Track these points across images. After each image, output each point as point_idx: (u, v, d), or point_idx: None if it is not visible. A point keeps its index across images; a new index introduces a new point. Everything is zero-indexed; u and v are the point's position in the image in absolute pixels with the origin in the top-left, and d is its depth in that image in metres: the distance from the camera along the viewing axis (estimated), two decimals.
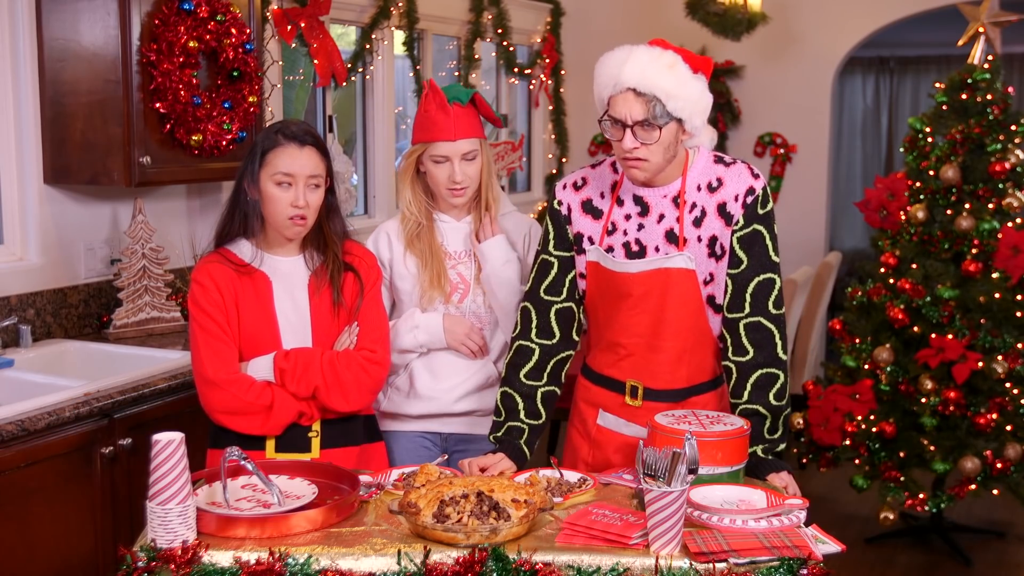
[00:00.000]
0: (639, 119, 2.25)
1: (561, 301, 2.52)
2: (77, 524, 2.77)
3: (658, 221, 2.39)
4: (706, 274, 2.39)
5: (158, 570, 1.87)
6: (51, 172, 3.39)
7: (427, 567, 1.87)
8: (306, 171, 2.37)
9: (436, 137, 2.66)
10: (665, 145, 2.29)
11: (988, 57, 4.44)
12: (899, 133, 9.89)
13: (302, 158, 2.37)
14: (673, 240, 2.37)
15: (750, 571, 1.87)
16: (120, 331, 3.51)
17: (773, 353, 2.39)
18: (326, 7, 4.34)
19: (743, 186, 2.37)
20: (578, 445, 2.59)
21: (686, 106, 2.26)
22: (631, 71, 2.25)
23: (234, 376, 2.37)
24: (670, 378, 2.45)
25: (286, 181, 2.36)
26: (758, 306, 2.38)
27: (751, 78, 6.58)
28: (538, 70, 6.34)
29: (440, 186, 2.69)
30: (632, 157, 2.29)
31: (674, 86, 2.24)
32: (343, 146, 4.99)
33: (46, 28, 3.31)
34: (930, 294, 4.30)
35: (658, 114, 2.25)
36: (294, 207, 2.37)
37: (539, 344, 2.52)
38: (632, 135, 2.27)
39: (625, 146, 2.28)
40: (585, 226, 2.48)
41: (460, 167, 2.66)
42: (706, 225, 2.37)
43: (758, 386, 2.38)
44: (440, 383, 2.75)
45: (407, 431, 2.78)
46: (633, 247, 2.40)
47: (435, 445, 2.80)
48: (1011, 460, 4.19)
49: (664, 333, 2.41)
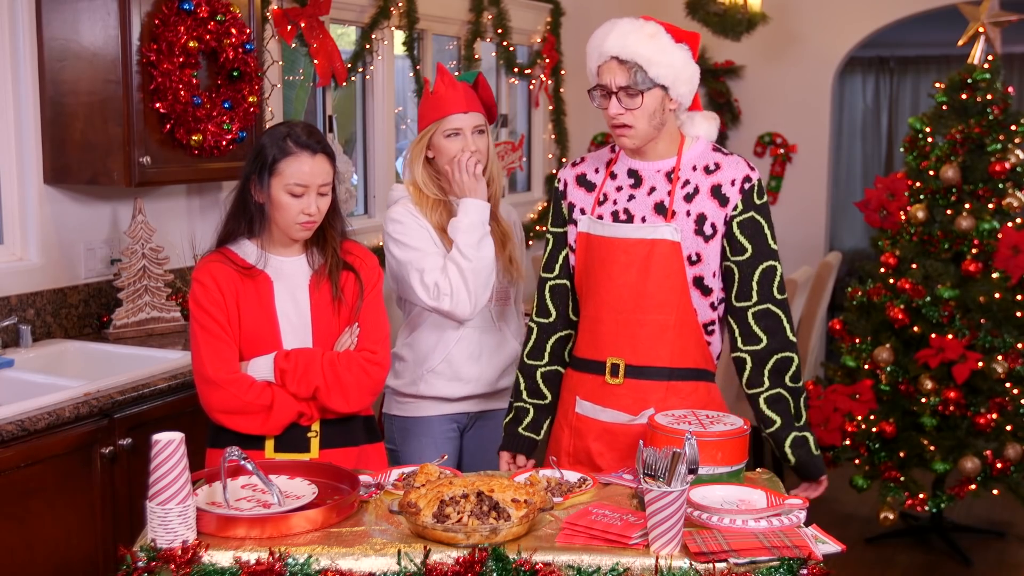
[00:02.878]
0: (622, 85, 2.37)
1: (554, 278, 2.61)
2: (77, 524, 2.77)
3: (648, 193, 2.46)
4: (692, 252, 2.42)
5: (158, 570, 1.87)
6: (51, 172, 3.39)
7: (427, 567, 1.87)
8: (318, 180, 2.38)
9: (448, 111, 2.76)
10: (650, 112, 2.39)
11: (988, 57, 4.44)
12: (899, 133, 9.89)
13: (315, 167, 2.38)
14: (661, 212, 2.44)
15: (750, 571, 1.87)
16: (120, 331, 3.51)
17: (784, 337, 2.44)
18: (326, 7, 4.34)
19: (740, 173, 2.44)
20: (559, 435, 2.62)
21: (668, 73, 2.38)
22: (613, 40, 2.38)
23: (234, 376, 2.37)
24: (652, 354, 2.46)
25: (299, 192, 2.37)
26: (764, 293, 2.43)
27: (751, 78, 6.58)
28: (538, 70, 6.34)
29: (454, 160, 2.76)
30: (619, 124, 2.41)
31: (654, 53, 2.36)
32: (343, 146, 4.99)
33: (46, 28, 3.31)
34: (930, 294, 4.31)
35: (639, 80, 2.36)
36: (304, 214, 2.39)
37: (537, 323, 2.64)
38: (617, 101, 2.38)
39: (611, 112, 2.40)
40: (578, 198, 2.57)
41: (473, 139, 2.77)
42: (697, 202, 2.43)
43: (776, 371, 2.43)
44: (478, 363, 2.87)
45: (442, 415, 2.89)
46: (621, 215, 2.48)
47: (459, 427, 2.94)
48: (1011, 460, 4.19)
49: (646, 306, 2.44)
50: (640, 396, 2.46)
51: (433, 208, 2.81)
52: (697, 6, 5.78)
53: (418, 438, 2.90)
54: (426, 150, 2.81)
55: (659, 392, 2.45)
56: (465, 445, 2.98)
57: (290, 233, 2.43)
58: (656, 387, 2.46)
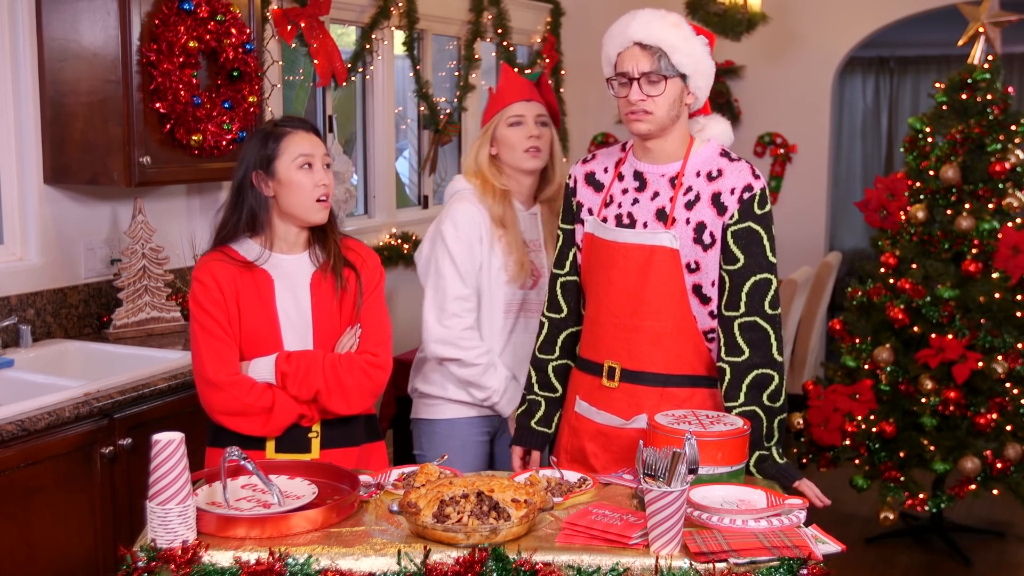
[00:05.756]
0: (645, 70, 2.36)
1: (565, 274, 2.63)
2: (77, 524, 2.77)
3: (652, 198, 2.45)
4: (691, 260, 2.41)
5: (158, 570, 1.87)
6: (51, 172, 3.39)
7: (427, 567, 1.87)
8: (320, 151, 2.44)
9: (514, 98, 2.79)
10: (670, 100, 2.38)
11: (988, 57, 4.44)
12: (899, 133, 9.90)
13: (312, 140, 2.45)
14: (662, 218, 2.42)
15: (750, 571, 1.87)
16: (120, 331, 3.51)
17: (768, 354, 2.39)
18: (326, 7, 4.34)
19: (742, 182, 2.40)
20: (561, 431, 2.64)
21: (689, 62, 2.38)
22: (638, 27, 2.38)
23: (235, 378, 2.36)
24: (647, 360, 2.44)
25: (307, 163, 2.41)
26: (754, 305, 2.39)
27: (751, 78, 6.58)
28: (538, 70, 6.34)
29: (517, 148, 2.79)
30: (638, 109, 2.38)
31: (678, 40, 2.37)
32: (343, 146, 4.99)
33: (46, 28, 3.31)
34: (930, 294, 4.31)
35: (663, 66, 2.36)
36: (319, 186, 2.41)
37: (548, 317, 2.65)
38: (639, 87, 2.37)
39: (632, 98, 2.38)
40: (586, 197, 2.57)
41: (537, 127, 2.78)
42: (697, 210, 2.41)
43: (754, 387, 2.38)
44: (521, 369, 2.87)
45: (468, 417, 2.89)
46: (624, 219, 2.47)
47: (488, 432, 2.95)
48: (1011, 460, 4.19)
49: (643, 312, 2.43)
50: (634, 401, 2.45)
51: (497, 199, 2.81)
52: (697, 6, 5.78)
53: (444, 441, 2.88)
54: (490, 146, 2.81)
55: (653, 398, 2.44)
56: (497, 451, 2.96)
57: (309, 215, 2.43)
58: (650, 393, 2.44)
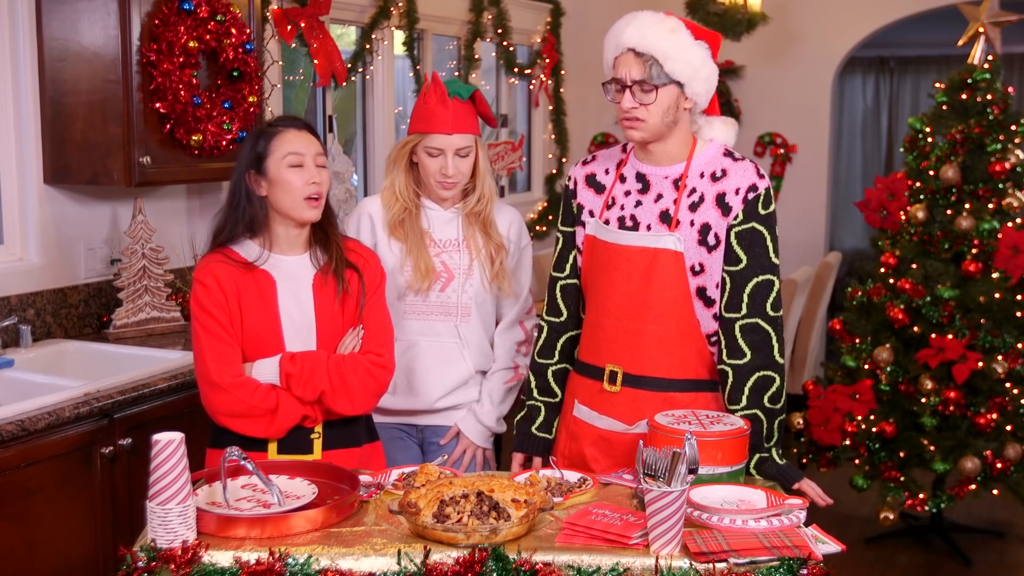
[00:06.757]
0: (637, 79, 2.32)
1: (565, 277, 2.60)
2: (77, 524, 2.77)
3: (655, 200, 2.42)
4: (696, 262, 2.38)
5: (158, 570, 1.87)
6: (51, 172, 3.39)
7: (427, 567, 1.87)
8: (312, 150, 2.42)
9: (433, 129, 2.71)
10: (663, 108, 2.34)
11: (988, 57, 4.44)
12: (899, 133, 9.89)
13: (304, 138, 2.44)
14: (666, 221, 2.39)
15: (750, 571, 1.87)
16: (120, 331, 3.51)
17: (770, 356, 2.37)
18: (326, 7, 4.34)
19: (746, 182, 2.38)
20: (558, 436, 2.61)
21: (685, 69, 2.33)
22: (632, 32, 2.34)
23: (239, 379, 2.36)
24: (650, 364, 2.42)
25: (298, 162, 2.40)
26: (756, 307, 2.37)
27: (751, 78, 6.58)
28: (538, 70, 6.34)
29: (431, 177, 2.74)
30: (630, 116, 2.36)
31: (672, 48, 2.31)
32: (343, 146, 4.99)
33: (46, 28, 3.31)
34: (930, 294, 4.30)
35: (655, 75, 2.32)
36: (310, 185, 2.40)
37: (548, 321, 2.62)
38: (631, 95, 2.34)
39: (624, 106, 2.35)
40: (587, 199, 2.53)
41: (453, 162, 2.72)
42: (702, 211, 2.38)
43: (756, 389, 2.37)
44: (422, 381, 2.79)
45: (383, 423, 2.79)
46: (627, 222, 2.44)
47: (410, 436, 2.88)
48: (1011, 460, 4.19)
49: (647, 315, 2.40)
50: (637, 405, 2.42)
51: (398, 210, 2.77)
52: (697, 6, 5.78)
53: None
54: (411, 153, 2.78)
55: (656, 403, 2.40)
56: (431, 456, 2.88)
57: (300, 213, 2.41)
58: (653, 397, 2.42)
